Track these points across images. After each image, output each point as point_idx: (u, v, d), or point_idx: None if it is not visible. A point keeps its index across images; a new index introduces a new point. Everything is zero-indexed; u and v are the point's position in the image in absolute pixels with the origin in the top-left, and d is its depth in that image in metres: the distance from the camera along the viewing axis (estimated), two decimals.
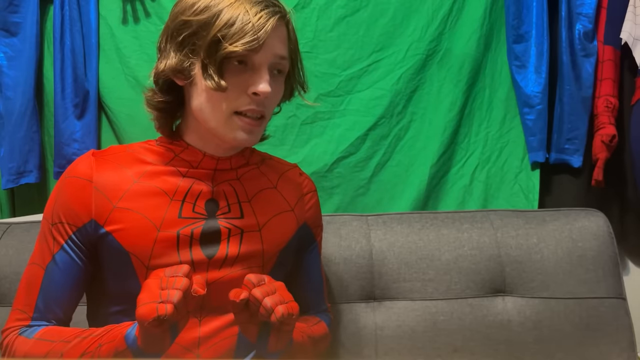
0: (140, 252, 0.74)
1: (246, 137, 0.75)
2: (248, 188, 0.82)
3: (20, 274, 1.04)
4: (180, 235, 0.75)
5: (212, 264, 0.76)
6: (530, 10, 1.35)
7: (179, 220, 0.75)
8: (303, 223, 0.87)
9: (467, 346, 1.00)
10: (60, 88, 1.34)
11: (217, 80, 0.70)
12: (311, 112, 1.37)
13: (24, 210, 1.42)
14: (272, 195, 0.84)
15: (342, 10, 1.36)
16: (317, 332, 0.85)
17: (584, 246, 1.04)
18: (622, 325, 1.01)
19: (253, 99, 0.73)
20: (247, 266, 0.78)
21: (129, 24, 1.37)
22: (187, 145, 0.80)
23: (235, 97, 0.73)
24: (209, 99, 0.73)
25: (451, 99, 1.37)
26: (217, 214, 0.78)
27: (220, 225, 0.77)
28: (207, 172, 0.79)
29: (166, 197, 0.76)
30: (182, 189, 0.77)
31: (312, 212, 0.89)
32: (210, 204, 0.78)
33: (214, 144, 0.79)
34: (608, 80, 1.33)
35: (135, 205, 0.75)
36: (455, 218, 1.10)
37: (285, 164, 0.91)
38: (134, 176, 0.77)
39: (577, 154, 1.36)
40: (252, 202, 0.81)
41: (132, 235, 0.74)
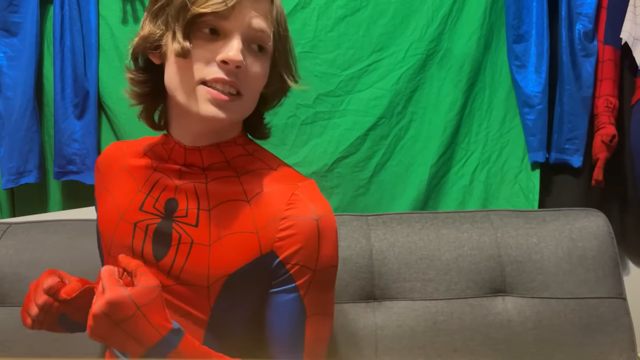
0: (105, 236, 0.77)
1: (214, 111, 0.66)
2: (213, 195, 0.72)
3: (20, 274, 1.04)
4: (137, 227, 0.73)
5: (160, 267, 0.71)
6: (530, 10, 1.35)
7: (139, 212, 0.73)
8: (269, 251, 0.69)
9: (467, 346, 1.00)
10: (60, 88, 1.34)
11: (181, 44, 0.65)
12: (311, 112, 1.37)
13: (24, 210, 1.42)
14: (240, 210, 0.71)
15: (342, 10, 1.36)
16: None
17: (584, 246, 1.04)
18: (622, 325, 1.01)
19: (222, 67, 0.66)
20: (191, 283, 0.70)
21: (129, 24, 1.37)
22: (169, 135, 0.76)
23: (202, 65, 0.67)
24: (177, 69, 0.68)
25: (451, 99, 1.37)
26: (174, 216, 0.72)
27: (173, 229, 0.71)
28: (175, 167, 0.74)
29: (136, 186, 0.76)
30: (151, 181, 0.75)
31: (288, 242, 0.68)
32: (171, 203, 0.73)
33: (187, 127, 0.73)
34: (608, 80, 1.33)
35: (114, 191, 0.78)
36: (455, 218, 1.10)
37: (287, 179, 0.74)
38: (124, 163, 0.80)
39: (577, 154, 1.36)
40: (213, 211, 0.71)
41: (104, 218, 0.78)
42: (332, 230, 0.71)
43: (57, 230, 1.10)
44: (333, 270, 0.72)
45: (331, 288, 0.73)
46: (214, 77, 0.66)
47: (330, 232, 0.70)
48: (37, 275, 1.04)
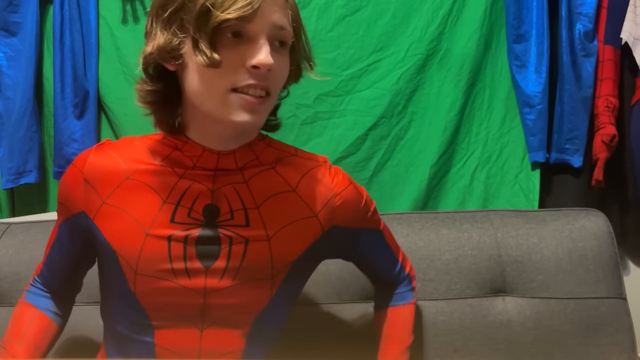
0: (127, 255, 0.70)
1: (248, 118, 0.65)
2: (257, 192, 0.72)
3: (20, 273, 1.04)
4: (172, 240, 0.69)
5: (210, 273, 0.70)
6: (531, 10, 1.35)
7: (171, 224, 0.69)
8: (331, 227, 0.75)
9: (467, 346, 1.00)
10: (60, 88, 1.34)
11: (209, 55, 0.62)
12: (311, 112, 1.37)
13: (24, 210, 1.42)
14: (289, 200, 0.73)
15: (342, 10, 1.36)
16: (409, 326, 0.88)
17: (584, 246, 1.04)
18: (623, 325, 1.01)
19: (253, 73, 0.64)
20: (252, 277, 0.70)
21: (128, 23, 1.37)
22: (187, 139, 0.72)
23: (231, 72, 0.64)
24: (202, 78, 0.65)
25: (451, 99, 1.37)
26: (218, 221, 0.70)
27: (220, 233, 0.70)
28: (208, 172, 0.71)
29: (158, 197, 0.70)
30: (178, 190, 0.70)
31: (344, 213, 0.77)
32: (209, 209, 0.71)
33: (214, 133, 0.70)
34: (608, 80, 1.33)
35: (125, 204, 0.71)
36: (456, 218, 1.10)
37: (313, 160, 0.78)
38: (127, 172, 0.72)
39: (577, 154, 1.36)
40: (262, 208, 0.71)
41: (120, 236, 0.70)
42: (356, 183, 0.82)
43: None
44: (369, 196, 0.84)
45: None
46: (247, 84, 0.64)
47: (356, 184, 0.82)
48: None
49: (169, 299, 0.69)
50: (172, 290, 0.69)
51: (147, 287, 0.69)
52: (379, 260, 0.87)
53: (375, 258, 0.86)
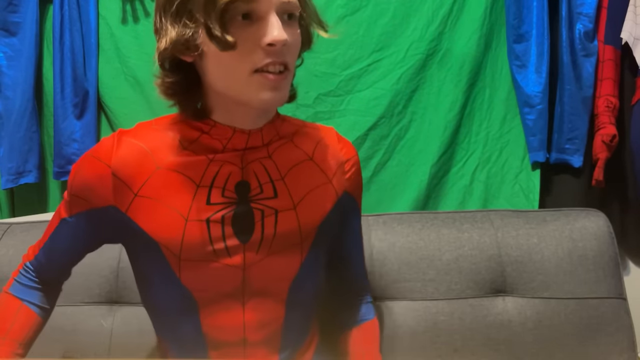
0: (170, 243, 0.71)
1: (273, 95, 0.67)
2: (281, 164, 0.75)
3: None
4: (211, 222, 0.71)
5: (247, 248, 0.73)
6: (531, 10, 1.35)
7: (207, 207, 0.71)
8: (343, 193, 0.81)
9: (468, 346, 1.00)
10: (59, 88, 1.34)
11: (223, 38, 0.63)
12: (311, 112, 1.37)
13: (24, 210, 1.42)
14: (308, 168, 0.78)
15: (342, 10, 1.36)
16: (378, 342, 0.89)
17: (584, 246, 1.04)
18: (623, 325, 1.01)
19: (269, 50, 0.65)
20: (284, 245, 0.75)
21: (128, 23, 1.37)
22: (215, 122, 0.72)
23: (249, 53, 0.65)
24: (222, 63, 0.66)
25: (451, 99, 1.37)
26: (250, 196, 0.73)
27: (253, 208, 0.73)
28: (236, 152, 0.73)
29: (192, 183, 0.71)
30: (210, 173, 0.72)
31: (352, 179, 0.83)
32: (241, 187, 0.73)
33: (241, 114, 0.71)
34: (608, 80, 1.33)
35: (159, 194, 0.71)
36: (456, 218, 1.10)
37: (321, 129, 0.84)
38: (157, 162, 0.72)
39: (577, 154, 1.35)
40: (286, 179, 0.75)
41: (159, 226, 0.71)
42: None
43: None
44: None
45: None
46: (266, 62, 0.65)
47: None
48: None
49: (212, 278, 0.72)
50: (215, 269, 0.72)
51: (192, 270, 0.72)
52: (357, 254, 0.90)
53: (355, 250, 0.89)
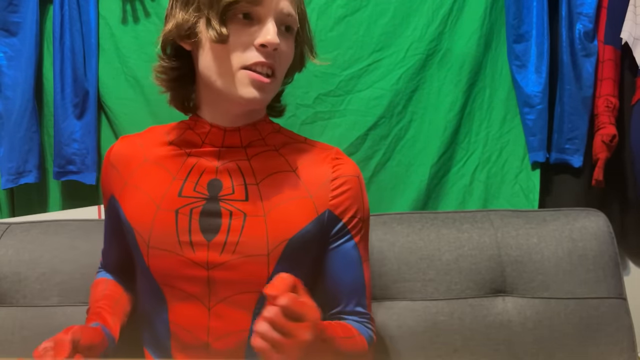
0: (142, 229, 0.75)
1: (256, 94, 0.70)
2: (258, 169, 0.76)
3: (20, 273, 1.04)
4: (179, 214, 0.74)
5: (211, 247, 0.73)
6: (531, 10, 1.35)
7: (178, 198, 0.74)
8: (325, 211, 0.77)
9: (467, 346, 1.00)
10: (60, 88, 1.34)
11: (219, 30, 0.68)
12: (311, 112, 1.37)
13: (24, 210, 1.42)
14: (288, 179, 0.77)
15: (342, 10, 1.36)
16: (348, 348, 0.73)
17: (584, 246, 1.04)
18: (623, 325, 1.01)
19: (260, 51, 0.70)
20: (249, 253, 0.73)
21: (128, 23, 1.37)
22: (198, 118, 0.78)
23: (241, 51, 0.70)
24: (215, 55, 0.71)
25: (451, 99, 1.37)
26: (220, 195, 0.74)
27: (221, 207, 0.73)
28: (213, 149, 0.76)
29: (169, 174, 0.76)
30: (186, 166, 0.76)
31: (342, 199, 0.77)
32: (213, 184, 0.75)
33: (223, 111, 0.76)
34: (608, 80, 1.33)
35: (141, 183, 0.77)
36: (456, 218, 1.10)
37: (320, 147, 0.83)
38: (146, 155, 0.79)
39: (577, 154, 1.35)
40: (261, 185, 0.75)
41: (135, 212, 0.77)
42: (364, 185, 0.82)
43: (57, 230, 1.10)
44: (368, 217, 0.83)
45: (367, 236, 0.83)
46: (255, 61, 0.70)
47: (364, 187, 0.82)
48: (36, 275, 1.04)
49: (177, 271, 0.74)
50: (179, 263, 0.73)
51: (159, 259, 0.74)
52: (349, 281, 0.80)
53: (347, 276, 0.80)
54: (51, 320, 1.01)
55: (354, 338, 0.76)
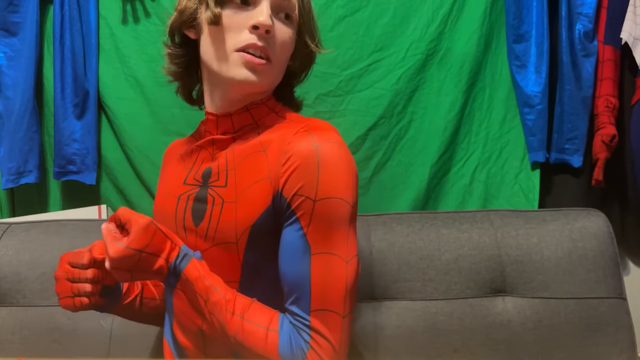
0: (156, 212, 0.82)
1: (248, 75, 0.71)
2: (238, 153, 0.74)
3: (20, 274, 1.04)
4: (180, 199, 0.77)
5: (198, 232, 0.73)
6: (531, 10, 1.35)
7: (183, 186, 0.78)
8: (277, 190, 0.68)
9: (467, 346, 1.00)
10: (60, 88, 1.34)
11: (212, 12, 0.70)
12: (311, 113, 1.37)
13: (24, 210, 1.42)
14: (257, 160, 0.71)
15: (342, 10, 1.36)
16: (245, 336, 0.65)
17: (584, 246, 1.04)
18: (623, 325, 1.01)
19: (253, 33, 0.70)
20: (224, 239, 0.70)
21: (128, 23, 1.37)
22: (201, 108, 0.82)
23: (236, 33, 0.71)
24: (212, 39, 0.72)
25: (451, 99, 1.37)
26: (209, 182, 0.75)
27: (208, 194, 0.74)
28: (210, 138, 0.78)
29: (182, 164, 0.82)
30: (193, 157, 0.81)
31: (287, 174, 0.66)
32: (206, 171, 0.77)
33: (221, 95, 0.76)
34: (608, 80, 1.33)
35: (167, 174, 0.86)
36: (455, 218, 1.10)
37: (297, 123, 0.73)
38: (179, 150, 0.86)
39: (577, 154, 1.35)
40: (237, 169, 0.73)
41: (156, 200, 0.84)
42: (337, 159, 0.66)
43: (57, 230, 1.10)
44: (340, 203, 0.65)
45: (341, 225, 0.66)
46: (248, 43, 0.70)
47: (334, 160, 0.66)
48: (36, 275, 1.04)
49: None
50: None
51: None
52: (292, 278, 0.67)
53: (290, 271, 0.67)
54: (51, 320, 1.01)
55: (259, 330, 0.66)
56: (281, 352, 0.65)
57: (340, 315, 0.65)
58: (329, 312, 0.65)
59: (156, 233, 0.66)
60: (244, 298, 0.69)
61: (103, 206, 1.36)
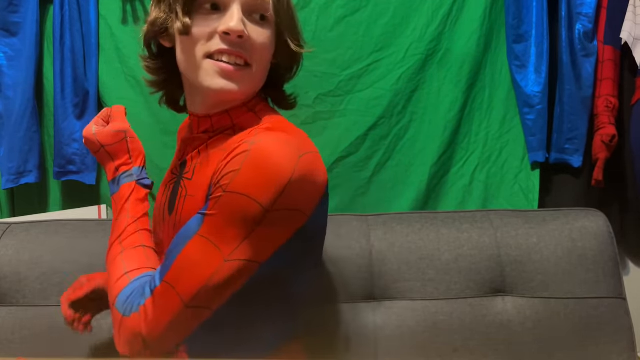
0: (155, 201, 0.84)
1: (226, 84, 0.68)
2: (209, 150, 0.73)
3: (20, 274, 1.04)
4: (165, 187, 0.80)
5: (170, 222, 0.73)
6: (530, 10, 1.35)
7: (169, 174, 0.81)
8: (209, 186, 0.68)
9: (467, 346, 1.00)
10: (60, 88, 1.34)
11: (182, 21, 0.67)
12: (311, 112, 1.37)
13: (24, 210, 1.42)
14: (217, 158, 0.70)
15: (342, 10, 1.36)
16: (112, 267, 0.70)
17: (584, 246, 1.04)
18: (622, 325, 1.01)
19: (225, 39, 0.67)
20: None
21: (128, 23, 1.37)
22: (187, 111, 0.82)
23: (206, 40, 0.68)
24: (183, 48, 0.70)
25: (451, 99, 1.37)
26: (183, 174, 0.75)
27: (180, 186, 0.74)
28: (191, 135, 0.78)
29: (175, 157, 0.84)
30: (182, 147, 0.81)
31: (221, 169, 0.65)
32: (183, 163, 0.77)
33: (200, 100, 0.74)
34: (608, 80, 1.33)
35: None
36: (455, 218, 1.10)
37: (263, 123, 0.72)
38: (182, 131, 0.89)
39: (577, 154, 1.36)
40: (202, 164, 0.72)
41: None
42: (265, 159, 0.62)
43: (57, 230, 1.10)
44: (247, 202, 0.61)
45: (239, 223, 0.62)
46: (218, 49, 0.67)
47: (261, 160, 0.61)
48: (36, 275, 1.04)
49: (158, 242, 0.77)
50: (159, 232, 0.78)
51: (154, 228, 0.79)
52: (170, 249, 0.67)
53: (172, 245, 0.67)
54: (51, 320, 1.01)
55: (120, 269, 0.69)
56: (119, 299, 0.66)
57: (184, 303, 0.62)
58: (174, 292, 0.62)
59: (122, 142, 0.77)
60: (141, 238, 0.73)
61: (103, 206, 1.36)
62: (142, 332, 0.63)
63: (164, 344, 0.63)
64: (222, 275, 0.62)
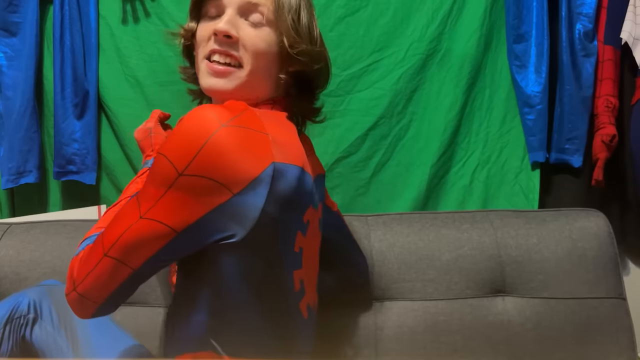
0: None
1: (214, 82, 0.74)
2: None
3: (20, 274, 1.04)
4: None
5: None
6: (531, 10, 1.35)
7: None
8: None
9: (467, 346, 1.00)
10: (60, 88, 1.34)
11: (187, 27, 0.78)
12: None
13: (24, 210, 1.42)
14: None
15: (342, 10, 1.36)
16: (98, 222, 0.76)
17: (584, 246, 1.04)
18: (622, 325, 1.01)
19: (215, 39, 0.74)
20: None
21: (128, 23, 1.37)
22: None
23: (205, 43, 0.75)
24: (196, 53, 0.79)
25: (451, 99, 1.37)
26: None
27: None
28: None
29: None
30: None
31: None
32: None
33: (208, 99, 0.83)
34: (608, 80, 1.33)
35: None
36: (455, 218, 1.10)
37: None
38: None
39: (577, 154, 1.35)
40: None
41: None
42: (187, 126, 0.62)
43: (57, 230, 1.10)
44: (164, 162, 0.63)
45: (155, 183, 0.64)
46: (211, 49, 0.74)
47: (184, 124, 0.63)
48: (37, 275, 1.04)
49: None
50: None
51: None
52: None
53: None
54: None
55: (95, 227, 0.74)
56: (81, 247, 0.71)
57: (104, 251, 0.65)
58: (100, 242, 0.66)
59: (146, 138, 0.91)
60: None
61: (103, 206, 1.36)
62: (73, 274, 0.67)
63: (90, 293, 0.66)
64: (136, 230, 0.64)
